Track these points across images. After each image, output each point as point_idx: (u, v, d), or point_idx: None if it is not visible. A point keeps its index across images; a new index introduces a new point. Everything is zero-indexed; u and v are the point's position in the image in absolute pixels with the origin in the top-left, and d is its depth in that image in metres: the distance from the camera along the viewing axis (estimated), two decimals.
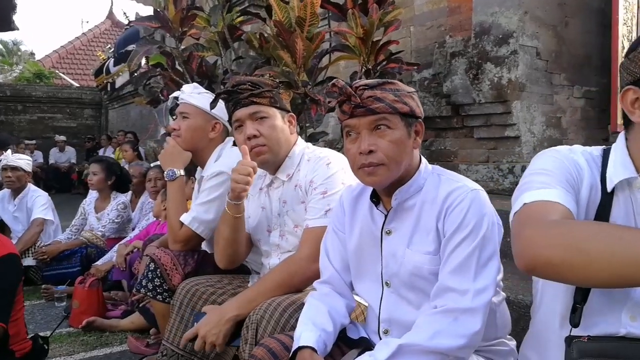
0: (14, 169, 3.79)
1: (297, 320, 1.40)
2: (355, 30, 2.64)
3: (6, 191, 3.96)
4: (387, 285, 1.32)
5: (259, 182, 1.87)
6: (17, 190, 3.87)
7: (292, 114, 1.81)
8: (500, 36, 3.26)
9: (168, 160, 2.11)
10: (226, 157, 2.06)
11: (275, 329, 1.45)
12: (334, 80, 1.23)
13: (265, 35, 2.94)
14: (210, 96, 2.07)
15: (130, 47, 10.09)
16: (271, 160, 1.75)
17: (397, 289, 1.30)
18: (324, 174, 1.66)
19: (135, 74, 9.61)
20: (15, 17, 10.04)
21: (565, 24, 3.50)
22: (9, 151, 4.09)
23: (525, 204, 0.98)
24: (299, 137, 1.83)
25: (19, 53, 24.18)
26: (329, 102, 2.58)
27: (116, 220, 3.71)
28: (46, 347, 2.17)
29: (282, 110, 1.76)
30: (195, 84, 2.17)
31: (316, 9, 2.45)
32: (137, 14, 10.46)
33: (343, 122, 1.27)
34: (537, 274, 0.92)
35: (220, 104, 2.10)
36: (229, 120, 1.83)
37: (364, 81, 1.24)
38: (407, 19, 4.05)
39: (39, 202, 3.78)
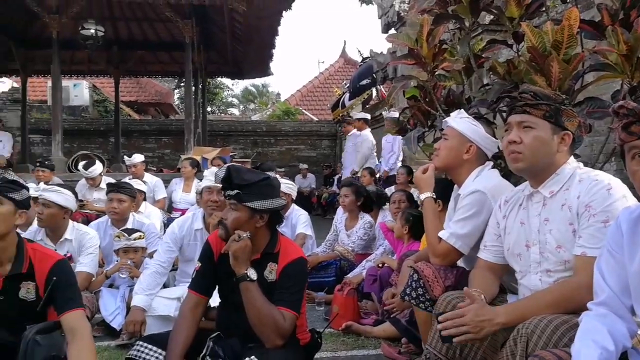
0: (283, 193, 4.49)
1: (570, 339, 1.42)
2: (617, 48, 2.51)
3: None
4: None
5: (519, 197, 1.93)
6: (284, 210, 4.57)
7: (569, 132, 1.80)
8: None
9: (420, 186, 2.36)
10: (484, 178, 2.19)
11: (547, 345, 1.48)
12: (622, 102, 1.25)
13: (514, 60, 2.99)
14: (471, 121, 2.23)
15: (364, 82, 10.94)
16: (525, 169, 1.81)
17: None
18: (604, 200, 1.63)
19: (367, 106, 10.32)
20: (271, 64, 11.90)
21: None
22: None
23: None
24: (572, 157, 1.84)
25: (267, 94, 28.26)
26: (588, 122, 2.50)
27: (363, 238, 4.10)
28: (320, 341, 2.53)
29: (557, 125, 1.77)
30: (461, 109, 2.35)
31: (574, 31, 2.41)
32: (371, 50, 11.18)
33: (628, 143, 1.28)
34: None
35: (480, 129, 2.24)
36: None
37: None
38: None
39: (301, 219, 4.40)
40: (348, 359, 2.74)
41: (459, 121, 2.26)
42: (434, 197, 2.31)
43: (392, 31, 9.35)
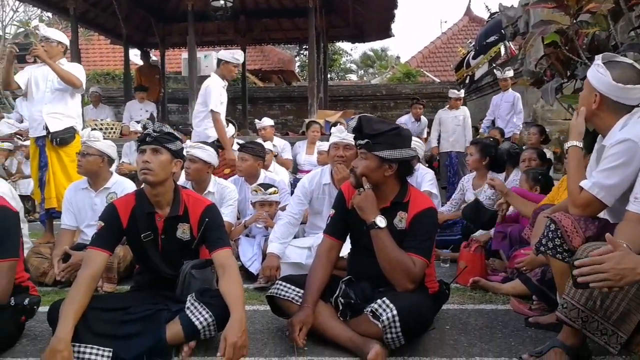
0: None
1: None
2: None
3: None
4: None
5: None
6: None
7: None
8: None
9: (570, 131, 2.23)
10: (633, 126, 2.02)
11: None
12: None
13: None
14: (598, 69, 2.06)
15: (491, 39, 10.35)
16: None
17: None
18: None
19: (495, 64, 9.46)
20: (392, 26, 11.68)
21: None
22: None
23: None
24: None
25: (386, 58, 27.87)
26: None
27: (492, 197, 3.98)
28: (448, 292, 2.56)
29: None
30: (600, 55, 2.18)
31: None
32: (500, 4, 10.49)
33: None
34: None
35: (606, 77, 2.03)
36: None
37: None
38: None
39: (426, 178, 4.35)
40: (476, 312, 2.73)
41: (591, 69, 2.10)
42: (581, 146, 2.17)
43: None
